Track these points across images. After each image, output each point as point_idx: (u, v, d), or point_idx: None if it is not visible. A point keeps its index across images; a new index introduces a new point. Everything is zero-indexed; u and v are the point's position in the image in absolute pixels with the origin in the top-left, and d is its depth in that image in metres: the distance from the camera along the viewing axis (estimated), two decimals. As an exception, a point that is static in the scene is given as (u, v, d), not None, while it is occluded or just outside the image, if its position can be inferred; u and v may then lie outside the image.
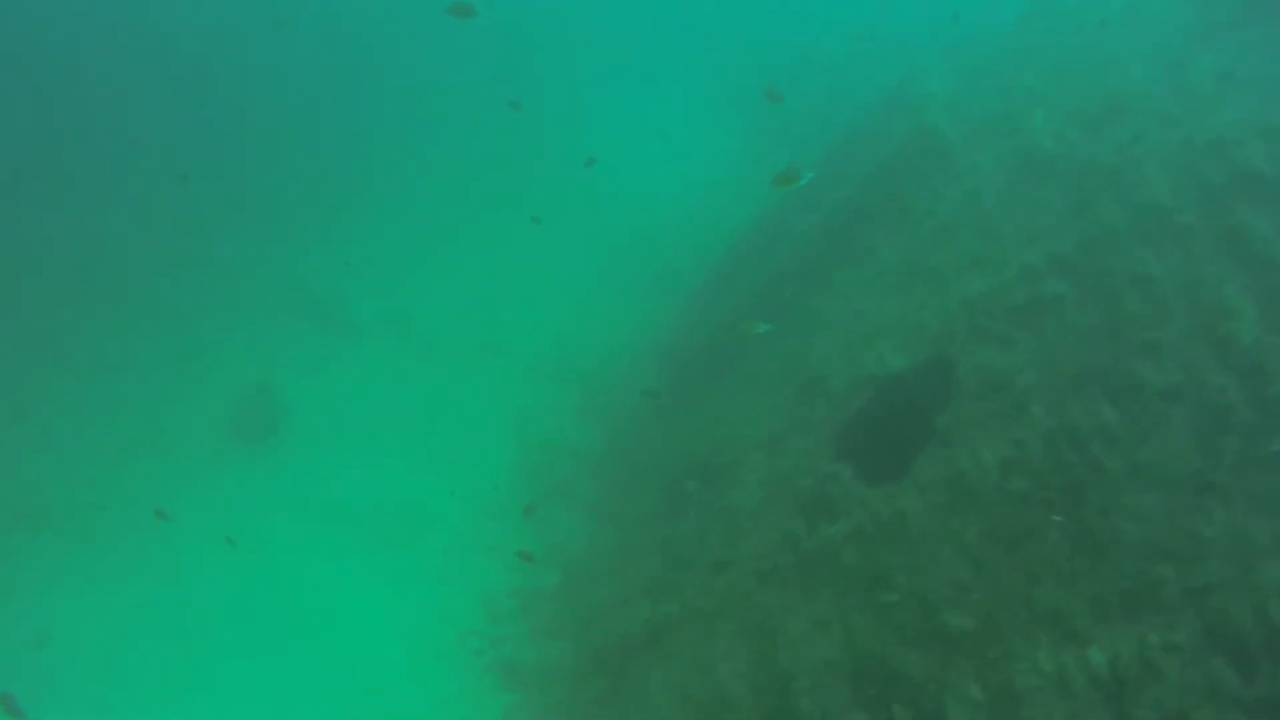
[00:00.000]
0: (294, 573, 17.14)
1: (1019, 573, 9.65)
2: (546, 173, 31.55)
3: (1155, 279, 10.30)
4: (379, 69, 39.14)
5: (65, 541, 17.53)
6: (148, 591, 16.40)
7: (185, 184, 26.50)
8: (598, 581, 15.24)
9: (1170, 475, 9.30)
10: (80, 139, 32.01)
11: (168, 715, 14.11)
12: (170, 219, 28.31)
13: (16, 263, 25.73)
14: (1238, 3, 13.34)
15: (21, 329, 23.47)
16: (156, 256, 26.54)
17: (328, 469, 19.82)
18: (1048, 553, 9.58)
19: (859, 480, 11.62)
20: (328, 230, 29.36)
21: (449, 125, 35.56)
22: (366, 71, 38.89)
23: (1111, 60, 14.62)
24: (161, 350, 23.31)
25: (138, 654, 15.14)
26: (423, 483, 19.38)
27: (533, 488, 19.39)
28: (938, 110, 16.56)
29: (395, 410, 21.73)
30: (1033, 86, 15.82)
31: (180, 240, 27.45)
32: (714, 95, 36.18)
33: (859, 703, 9.82)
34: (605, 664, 13.13)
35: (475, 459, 20.02)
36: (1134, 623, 8.56)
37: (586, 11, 44.03)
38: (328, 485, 19.34)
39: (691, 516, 13.97)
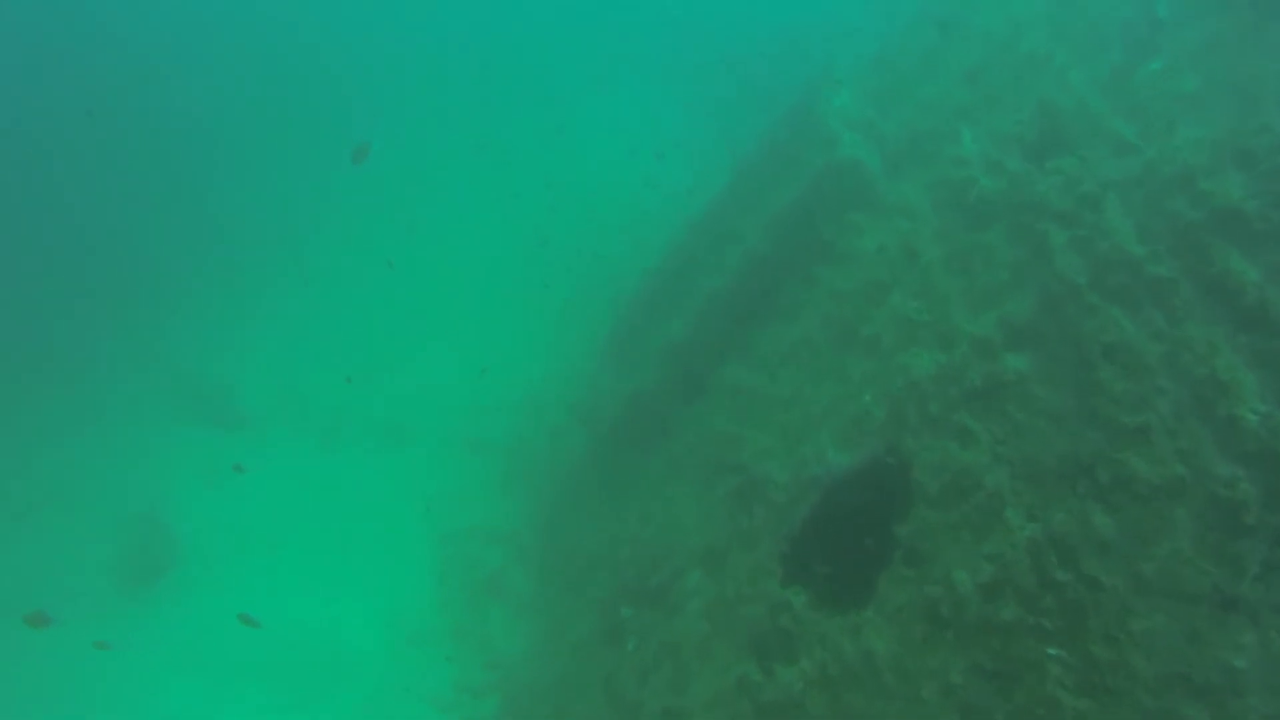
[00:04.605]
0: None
1: (1018, 719, 7.98)
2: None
3: (1134, 347, 8.55)
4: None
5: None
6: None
7: None
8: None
9: (1183, 590, 7.70)
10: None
11: None
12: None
13: None
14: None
15: None
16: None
17: (226, 611, 17.23)
18: (1049, 692, 7.95)
19: (814, 608, 9.79)
20: (204, 312, 26.46)
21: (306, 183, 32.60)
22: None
23: (1040, 63, 12.90)
24: (32, 489, 20.28)
25: None
26: (337, 611, 17.06)
27: (460, 589, 17.36)
28: (851, 132, 14.53)
29: (300, 520, 19.24)
30: (952, 98, 14.03)
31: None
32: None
33: None
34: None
35: (393, 569, 17.79)
36: (1165, 778, 6.84)
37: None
38: (227, 633, 16.75)
39: (631, 648, 12.03)
